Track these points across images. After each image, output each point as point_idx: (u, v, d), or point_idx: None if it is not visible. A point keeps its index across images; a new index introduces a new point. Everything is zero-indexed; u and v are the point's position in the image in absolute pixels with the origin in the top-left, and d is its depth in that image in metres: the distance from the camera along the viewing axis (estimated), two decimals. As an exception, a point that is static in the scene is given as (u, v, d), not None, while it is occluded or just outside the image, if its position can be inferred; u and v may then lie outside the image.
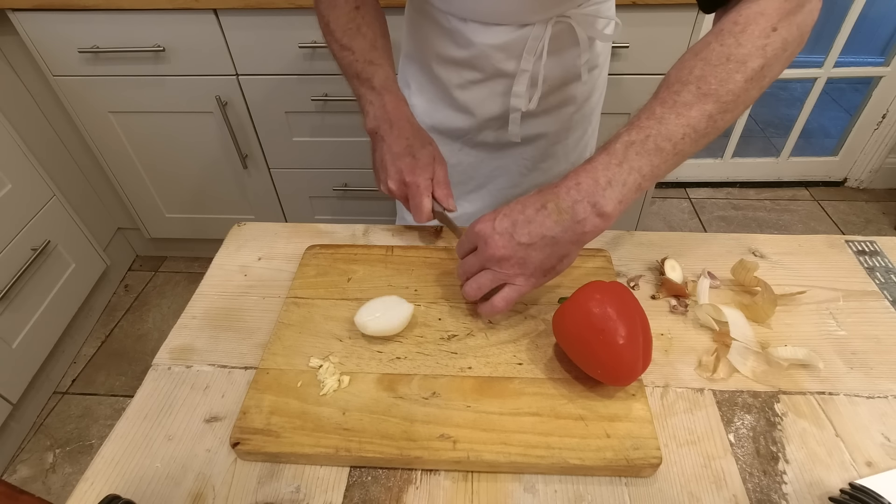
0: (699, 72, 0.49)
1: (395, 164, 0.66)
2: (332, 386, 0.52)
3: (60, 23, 1.27)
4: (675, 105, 0.49)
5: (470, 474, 0.48)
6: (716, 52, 0.48)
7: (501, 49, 0.71)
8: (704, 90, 0.48)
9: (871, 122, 1.99)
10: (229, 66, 1.34)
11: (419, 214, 0.65)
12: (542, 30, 0.69)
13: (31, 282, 1.38)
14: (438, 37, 0.74)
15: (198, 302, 0.64)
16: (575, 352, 0.51)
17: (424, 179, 0.64)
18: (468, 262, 0.56)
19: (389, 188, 0.66)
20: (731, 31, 0.48)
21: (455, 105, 0.80)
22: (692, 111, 0.48)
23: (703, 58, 0.49)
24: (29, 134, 1.42)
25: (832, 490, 0.46)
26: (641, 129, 0.49)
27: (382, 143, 0.67)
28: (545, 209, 0.50)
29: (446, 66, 0.77)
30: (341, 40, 0.69)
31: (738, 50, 0.48)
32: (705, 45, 0.50)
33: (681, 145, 0.49)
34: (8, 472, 1.35)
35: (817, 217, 2.02)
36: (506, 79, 0.75)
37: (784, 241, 0.69)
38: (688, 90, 0.49)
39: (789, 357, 0.54)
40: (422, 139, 0.67)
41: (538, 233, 0.50)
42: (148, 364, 0.57)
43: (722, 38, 0.49)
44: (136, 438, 0.51)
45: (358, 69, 0.69)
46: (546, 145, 0.85)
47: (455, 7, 0.70)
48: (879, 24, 2.28)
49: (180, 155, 1.55)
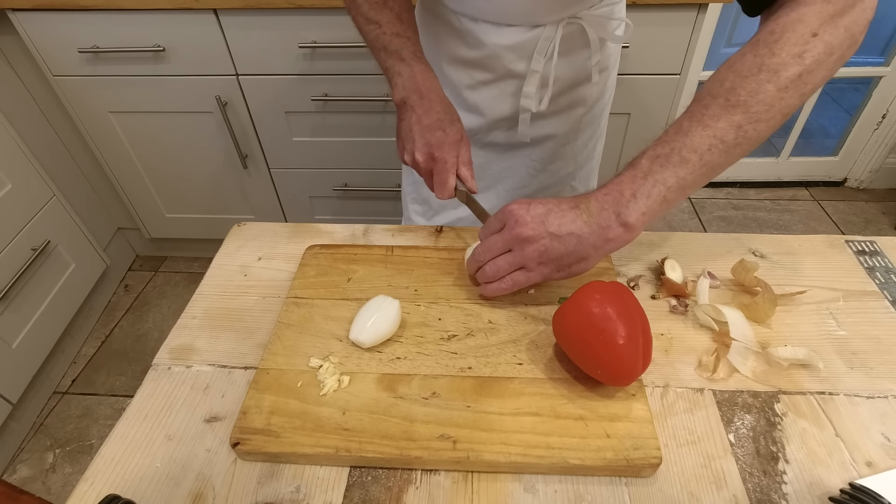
0: (729, 84, 0.49)
1: (423, 137, 0.65)
2: (332, 386, 0.52)
3: (60, 23, 1.27)
4: (702, 118, 0.49)
5: (470, 474, 0.48)
6: (748, 63, 0.48)
7: (512, 50, 0.71)
8: (733, 101, 0.48)
9: (871, 122, 1.99)
10: (229, 66, 1.34)
11: (443, 191, 0.65)
12: (553, 31, 0.69)
13: (31, 282, 1.38)
14: (449, 37, 0.75)
15: (198, 302, 0.64)
16: (575, 352, 0.51)
17: (452, 156, 0.64)
18: (492, 240, 0.56)
19: (416, 160, 0.66)
20: (766, 42, 0.48)
21: (465, 105, 0.80)
22: (720, 122, 0.48)
23: (736, 70, 0.49)
24: (29, 134, 1.42)
25: (832, 490, 0.45)
26: (667, 142, 0.50)
27: (412, 112, 0.66)
28: (577, 209, 0.52)
29: (457, 67, 0.77)
30: (367, 14, 0.69)
31: (770, 60, 0.47)
32: (740, 56, 0.50)
33: (707, 156, 0.49)
34: (8, 472, 1.35)
35: (817, 217, 2.02)
36: (516, 79, 0.75)
37: (784, 241, 0.69)
38: (716, 103, 0.49)
39: (789, 357, 0.54)
40: (451, 115, 0.67)
41: (567, 228, 0.52)
42: (148, 364, 0.57)
43: (756, 49, 0.49)
44: (136, 438, 0.51)
45: (385, 42, 0.68)
46: (555, 146, 0.85)
47: (467, 7, 0.70)
48: (879, 24, 2.27)
49: (180, 155, 1.55)
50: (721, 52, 2.43)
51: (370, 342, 0.55)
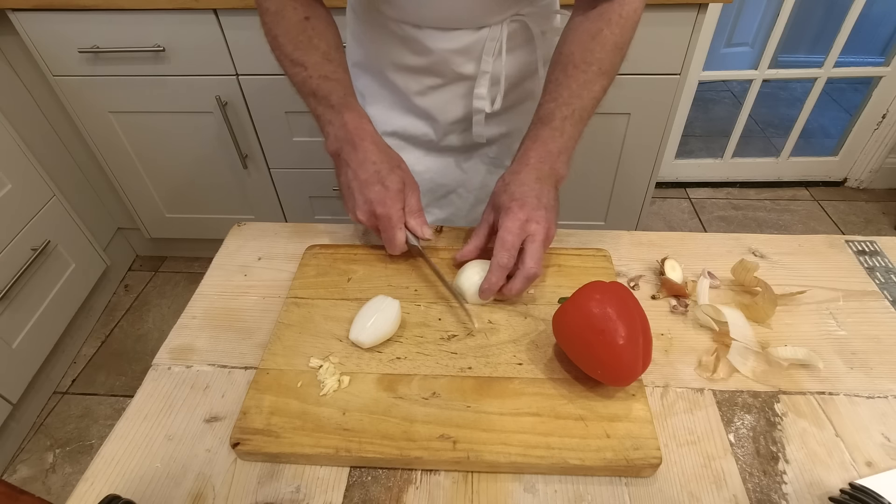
0: (598, 55, 0.62)
1: (363, 194, 0.61)
2: (332, 386, 0.52)
3: (60, 23, 1.27)
4: (585, 83, 0.63)
5: (470, 474, 0.48)
6: (608, 39, 0.62)
7: (460, 53, 0.70)
8: (603, 70, 0.63)
9: (871, 122, 1.99)
10: (229, 66, 1.34)
11: (392, 247, 0.62)
12: (498, 31, 0.69)
13: (31, 282, 1.38)
14: (393, 45, 0.72)
15: (198, 302, 0.64)
16: (575, 352, 0.51)
17: (396, 210, 0.61)
18: (534, 255, 0.57)
19: (359, 219, 0.63)
20: (618, 23, 0.62)
21: (416, 111, 0.79)
22: (596, 86, 0.63)
23: (600, 43, 0.62)
24: (29, 134, 1.42)
25: (832, 490, 0.46)
26: (568, 104, 0.63)
27: (347, 168, 0.63)
28: (541, 180, 0.61)
29: (403, 74, 0.75)
30: (292, 55, 0.64)
31: (622, 38, 0.63)
32: (598, 30, 0.62)
33: (591, 112, 0.64)
34: (8, 472, 1.35)
35: (817, 217, 2.02)
36: (466, 81, 0.74)
37: (784, 241, 0.69)
38: (592, 70, 0.62)
39: (789, 357, 0.54)
40: (390, 161, 0.63)
41: (549, 197, 0.60)
42: (148, 364, 0.57)
43: (611, 28, 0.62)
44: (136, 438, 0.51)
45: (313, 86, 0.64)
46: (511, 142, 0.85)
47: (409, 15, 0.68)
48: (879, 24, 2.28)
49: (180, 155, 1.55)
50: (721, 52, 2.44)
51: (370, 342, 0.55)
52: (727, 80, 2.49)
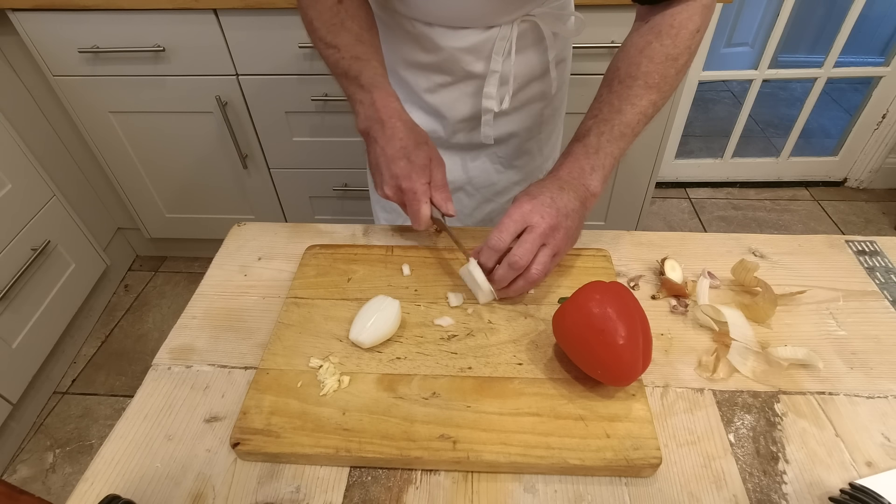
0: (645, 68, 0.60)
1: (389, 169, 0.62)
2: (332, 386, 0.52)
3: (60, 23, 1.27)
4: (629, 98, 0.61)
5: (470, 474, 0.48)
6: (658, 51, 0.60)
7: (470, 51, 0.71)
8: (650, 83, 0.60)
9: (871, 123, 1.99)
10: (229, 66, 1.34)
11: (417, 222, 0.62)
12: (508, 30, 0.69)
13: (31, 282, 1.38)
14: (404, 42, 0.73)
15: (198, 302, 0.64)
16: (575, 352, 0.51)
17: (422, 184, 0.61)
18: (525, 244, 0.55)
19: (386, 194, 0.64)
20: (669, 34, 0.60)
21: (426, 108, 0.79)
22: (642, 101, 0.61)
23: (648, 56, 0.60)
24: (29, 134, 1.42)
25: (832, 490, 0.46)
26: (607, 121, 0.61)
27: (375, 144, 0.64)
28: (564, 189, 0.59)
29: (413, 71, 0.76)
30: (325, 38, 0.66)
31: (673, 50, 0.60)
32: (647, 43, 0.61)
33: (636, 129, 0.61)
34: (8, 472, 1.35)
35: (817, 217, 2.02)
36: (476, 80, 0.74)
37: (784, 241, 0.69)
38: (637, 84, 0.60)
39: (789, 357, 0.54)
40: (416, 138, 0.63)
41: (570, 206, 0.58)
42: (148, 364, 0.57)
43: (661, 39, 0.60)
44: (136, 438, 0.51)
45: (345, 67, 0.66)
46: (519, 142, 0.85)
47: (420, 12, 0.69)
48: (879, 24, 2.28)
49: (180, 155, 1.55)
50: (721, 52, 2.44)
51: (370, 342, 0.55)
52: (727, 80, 2.49)
